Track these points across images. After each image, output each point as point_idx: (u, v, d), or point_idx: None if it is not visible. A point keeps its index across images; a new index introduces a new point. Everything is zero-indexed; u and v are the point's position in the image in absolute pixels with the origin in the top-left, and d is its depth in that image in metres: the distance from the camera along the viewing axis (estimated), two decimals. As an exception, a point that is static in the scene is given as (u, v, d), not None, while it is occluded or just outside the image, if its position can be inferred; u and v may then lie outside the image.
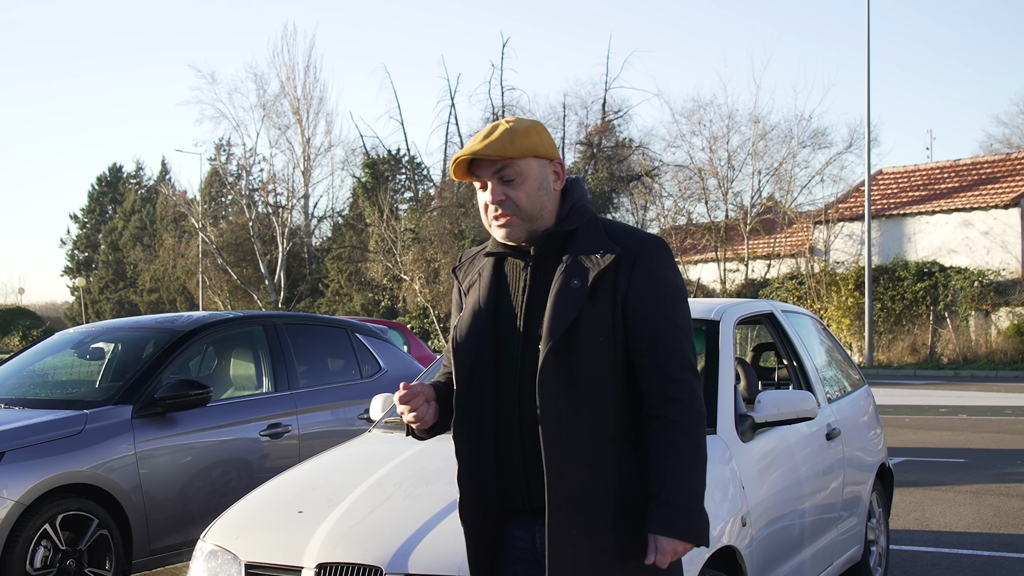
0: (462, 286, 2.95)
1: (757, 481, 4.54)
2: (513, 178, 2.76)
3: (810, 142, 34.65)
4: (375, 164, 44.41)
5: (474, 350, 2.79)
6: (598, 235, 2.79)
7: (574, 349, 2.68)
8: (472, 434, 2.79)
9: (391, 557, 3.65)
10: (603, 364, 2.70)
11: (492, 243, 2.90)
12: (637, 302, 2.71)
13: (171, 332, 6.95)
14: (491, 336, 2.79)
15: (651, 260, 2.74)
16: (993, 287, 27.65)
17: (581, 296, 2.69)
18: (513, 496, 2.80)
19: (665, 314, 2.73)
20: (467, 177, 2.84)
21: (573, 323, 2.67)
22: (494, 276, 2.86)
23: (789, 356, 5.73)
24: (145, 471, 6.24)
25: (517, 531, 2.84)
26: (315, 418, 7.23)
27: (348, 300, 43.64)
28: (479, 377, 2.78)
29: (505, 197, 2.76)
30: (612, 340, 2.71)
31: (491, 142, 2.74)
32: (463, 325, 2.84)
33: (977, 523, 8.07)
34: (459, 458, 2.83)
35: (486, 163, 2.78)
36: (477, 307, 2.83)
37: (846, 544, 5.69)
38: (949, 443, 12.69)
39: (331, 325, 8.09)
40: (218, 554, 4.02)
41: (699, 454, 2.72)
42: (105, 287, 63.91)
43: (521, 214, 2.77)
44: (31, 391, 6.99)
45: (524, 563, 2.83)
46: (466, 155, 2.77)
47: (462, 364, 2.81)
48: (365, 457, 4.65)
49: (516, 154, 2.75)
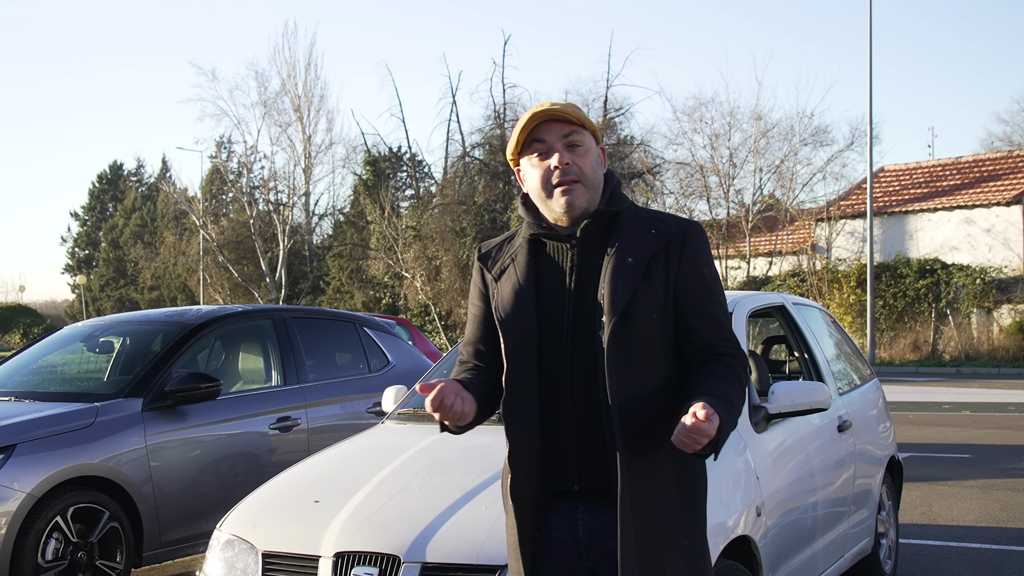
0: (490, 272, 2.91)
1: (771, 472, 4.54)
2: (580, 144, 2.81)
3: (812, 140, 34.62)
4: (376, 161, 44.38)
5: (522, 329, 2.78)
6: (643, 217, 2.85)
7: (630, 326, 2.70)
8: (524, 415, 2.77)
9: (409, 546, 3.65)
10: (656, 342, 2.74)
11: (529, 227, 2.88)
12: (688, 282, 2.78)
13: (180, 326, 6.96)
14: (536, 317, 2.78)
15: (698, 242, 2.82)
16: (995, 284, 27.66)
17: (637, 273, 2.73)
18: (561, 478, 2.77)
19: (712, 293, 2.82)
20: (519, 154, 2.85)
21: (630, 300, 2.70)
22: (531, 258, 2.85)
23: (800, 348, 5.73)
24: (156, 464, 6.25)
25: (558, 522, 2.80)
26: (324, 412, 7.24)
27: (349, 298, 43.63)
28: (525, 358, 2.77)
29: (572, 162, 2.79)
30: (663, 318, 2.75)
31: (565, 106, 2.80)
32: (505, 306, 2.81)
33: (984, 517, 8.07)
34: (512, 439, 2.79)
35: (554, 128, 2.80)
36: (518, 287, 2.81)
37: (857, 537, 5.70)
38: (953, 439, 12.71)
39: (339, 319, 8.10)
40: (235, 543, 4.02)
41: (740, 399, 2.73)
42: (106, 285, 63.95)
43: (585, 182, 2.79)
44: (41, 384, 7.00)
45: (561, 556, 2.79)
46: (542, 111, 2.78)
47: (510, 344, 2.79)
48: (380, 448, 4.66)
49: (585, 122, 2.83)
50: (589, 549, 2.77)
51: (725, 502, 4.09)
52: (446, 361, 5.60)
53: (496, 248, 2.97)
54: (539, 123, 2.80)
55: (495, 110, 40.24)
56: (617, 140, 38.04)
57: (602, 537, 2.75)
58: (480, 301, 2.95)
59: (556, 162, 2.79)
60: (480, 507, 3.81)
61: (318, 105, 47.63)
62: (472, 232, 36.18)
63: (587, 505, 2.77)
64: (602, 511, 2.75)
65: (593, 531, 2.77)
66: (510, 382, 2.79)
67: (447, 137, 43.40)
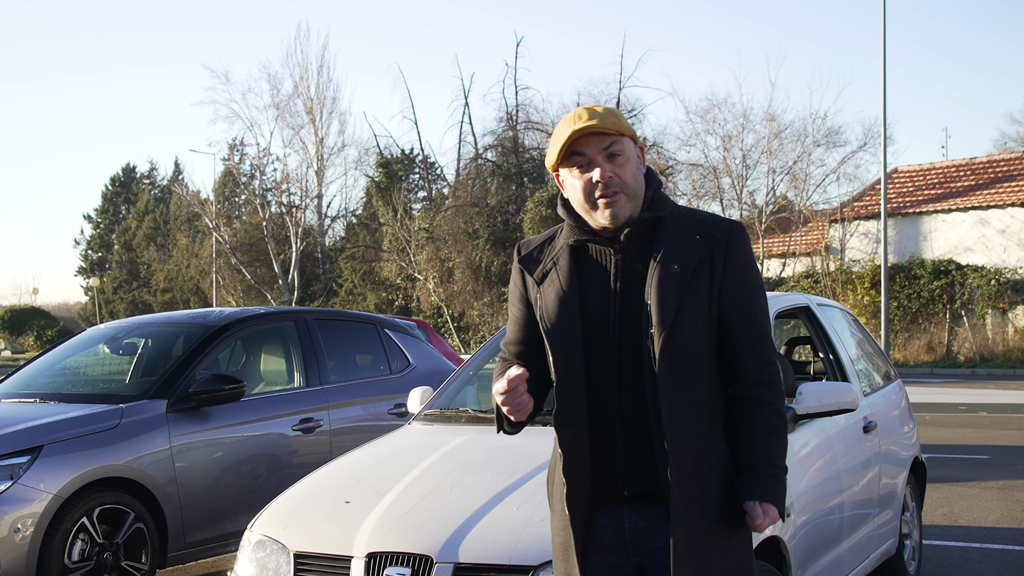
0: (532, 276, 2.90)
1: (799, 472, 4.54)
2: (620, 154, 2.79)
3: (825, 141, 34.53)
4: (389, 163, 44.41)
5: (569, 339, 2.77)
6: (687, 221, 2.83)
7: (678, 334, 2.70)
8: (576, 425, 2.77)
9: (441, 546, 3.67)
10: (701, 348, 2.75)
11: (571, 231, 2.87)
12: (733, 287, 2.79)
13: (203, 327, 6.99)
14: (580, 324, 2.78)
15: (742, 245, 2.82)
16: (1010, 285, 27.57)
17: (683, 281, 2.73)
18: (609, 484, 2.79)
19: (756, 298, 2.83)
20: (559, 166, 2.83)
21: (677, 310, 2.70)
22: (575, 264, 2.84)
23: (825, 349, 5.73)
24: (180, 465, 6.27)
25: (604, 519, 2.82)
26: (346, 413, 7.26)
27: (362, 299, 43.68)
28: (573, 365, 2.77)
29: (614, 174, 2.77)
30: (708, 324, 2.76)
31: (602, 116, 2.76)
32: (551, 315, 2.80)
33: (1006, 518, 8.05)
34: (566, 450, 2.79)
35: (594, 141, 2.77)
36: (563, 295, 2.80)
37: (882, 538, 5.70)
38: (971, 440, 12.67)
39: (361, 321, 8.12)
40: (266, 544, 4.04)
41: (785, 433, 2.85)
42: (119, 287, 64.11)
43: (627, 191, 2.78)
44: (66, 386, 7.03)
45: (606, 550, 2.82)
46: (583, 128, 2.74)
47: (559, 354, 2.78)
48: (409, 448, 4.67)
49: (623, 130, 2.79)
50: (635, 546, 2.80)
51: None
52: (471, 363, 5.61)
53: (537, 249, 2.95)
54: (578, 137, 2.78)
55: (508, 112, 40.25)
56: (630, 141, 37.96)
57: (647, 534, 2.77)
58: (520, 303, 2.95)
59: (598, 176, 2.77)
60: (512, 508, 3.82)
61: (330, 107, 47.77)
62: (484, 234, 36.19)
63: (632, 504, 2.79)
64: (647, 509, 2.77)
65: (639, 528, 2.79)
66: (561, 392, 2.79)
67: (459, 139, 43.44)
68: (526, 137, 39.90)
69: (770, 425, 2.78)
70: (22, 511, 5.56)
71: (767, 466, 2.76)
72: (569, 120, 2.79)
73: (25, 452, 5.70)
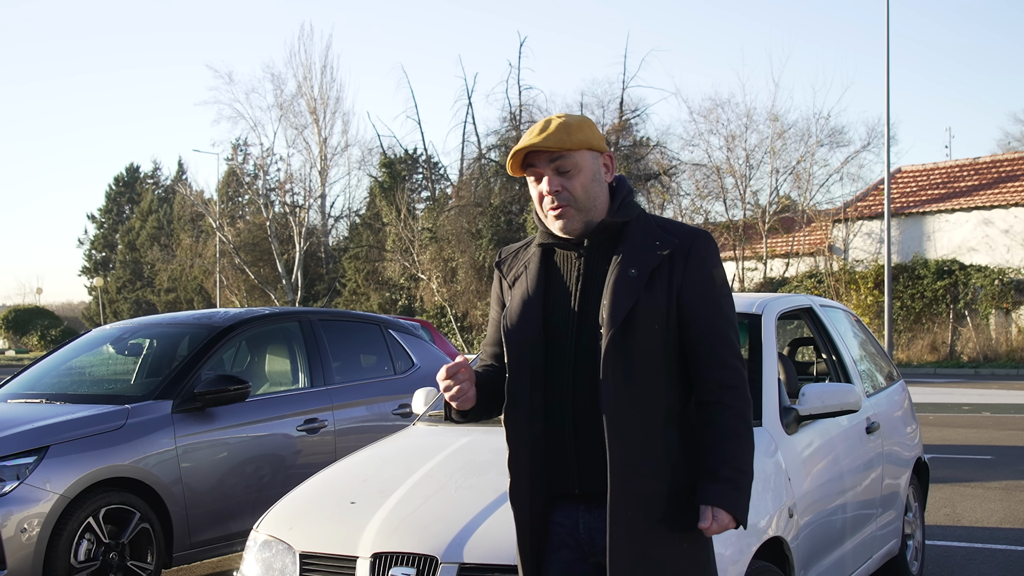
0: (506, 279, 3.02)
1: (802, 473, 4.56)
2: (569, 169, 2.85)
3: (828, 140, 34.56)
4: (392, 163, 44.43)
5: (525, 338, 2.87)
6: (650, 228, 2.89)
7: (631, 336, 2.76)
8: (524, 420, 2.86)
9: (446, 546, 3.69)
10: (657, 352, 2.80)
11: (541, 235, 2.97)
12: (692, 292, 2.82)
13: (208, 328, 7.01)
14: (542, 324, 2.87)
15: (703, 253, 2.86)
16: (1014, 285, 27.57)
17: (639, 285, 2.78)
18: (562, 482, 2.86)
19: (717, 304, 2.85)
20: (520, 172, 2.93)
21: (631, 311, 2.76)
22: (542, 267, 2.94)
23: (828, 350, 5.75)
24: (186, 465, 6.30)
25: (560, 517, 2.89)
26: (350, 413, 7.28)
27: (365, 299, 43.72)
28: (530, 364, 2.86)
29: (561, 188, 2.85)
30: (666, 328, 2.81)
31: (549, 135, 2.83)
32: (513, 315, 2.91)
33: (1009, 519, 8.07)
34: (511, 444, 2.89)
35: (543, 155, 2.86)
36: (526, 296, 2.91)
37: (884, 538, 5.71)
38: (974, 440, 12.69)
39: (365, 321, 8.14)
40: (272, 544, 4.06)
41: (750, 438, 2.85)
42: (122, 287, 64.18)
43: (576, 204, 2.85)
44: (71, 387, 7.06)
45: (566, 548, 2.89)
46: (525, 147, 2.85)
47: (513, 352, 2.88)
48: (413, 449, 4.70)
49: (572, 146, 2.84)
50: (591, 546, 2.86)
51: (757, 504, 4.08)
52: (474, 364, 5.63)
53: (512, 255, 3.08)
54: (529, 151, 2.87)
55: (511, 112, 40.28)
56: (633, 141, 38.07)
57: (602, 535, 2.82)
58: (497, 305, 3.07)
59: (545, 189, 2.87)
60: (516, 508, 3.84)
61: (334, 107, 47.77)
62: (488, 234, 36.22)
63: (587, 504, 2.86)
64: (601, 510, 2.82)
65: (593, 528, 2.85)
66: (510, 389, 2.89)
67: (463, 139, 43.49)
68: (529, 137, 39.88)
69: (731, 428, 2.79)
70: (28, 511, 5.59)
71: (728, 471, 2.77)
72: (526, 134, 2.89)
73: (31, 452, 5.73)
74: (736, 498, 2.76)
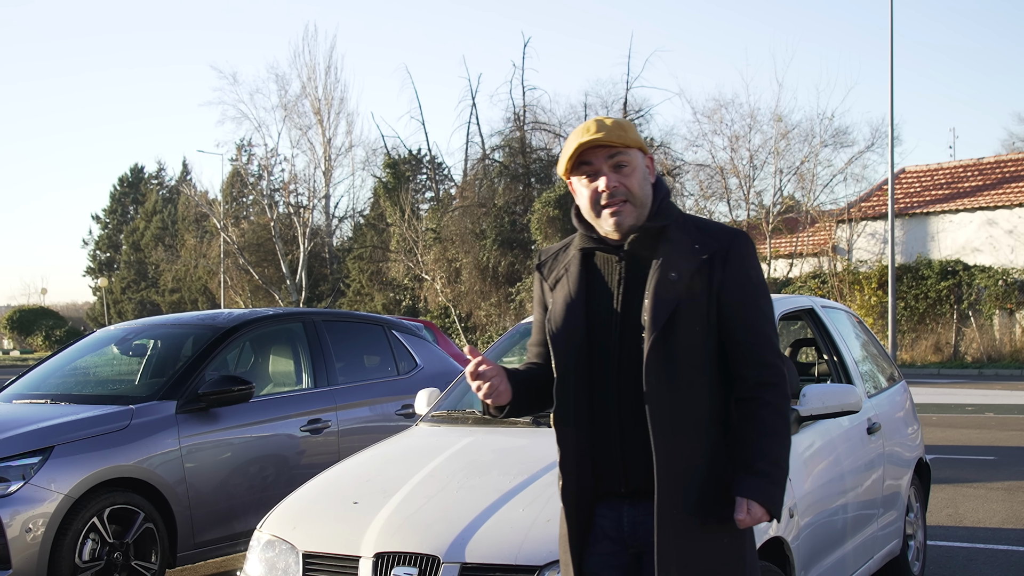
0: (547, 281, 3.06)
1: (803, 473, 4.58)
2: (625, 164, 2.90)
3: (832, 141, 34.51)
4: (396, 164, 44.45)
5: (570, 342, 2.91)
6: (689, 230, 2.93)
7: (673, 339, 2.81)
8: (573, 422, 2.91)
9: (448, 546, 3.71)
10: (698, 352, 2.84)
11: (581, 238, 3.01)
12: (732, 293, 2.87)
13: (212, 329, 7.04)
14: (585, 327, 2.91)
15: (742, 253, 2.91)
16: (1017, 286, 27.54)
17: (680, 288, 2.83)
18: (608, 480, 2.91)
19: (757, 304, 2.90)
20: (570, 174, 2.95)
21: (672, 314, 2.80)
22: (583, 270, 2.98)
23: (830, 351, 5.76)
24: (190, 465, 6.33)
25: (605, 510, 2.95)
26: (354, 414, 7.30)
27: (369, 300, 43.75)
28: (576, 366, 2.91)
29: (619, 184, 2.89)
30: (707, 329, 2.85)
31: (609, 129, 2.88)
32: (557, 319, 2.95)
33: (1011, 519, 8.08)
34: (560, 446, 2.94)
35: (600, 152, 2.89)
36: (569, 299, 2.95)
37: (886, 539, 5.73)
38: (977, 441, 12.69)
39: (368, 322, 8.17)
40: (275, 544, 4.09)
41: (788, 435, 2.90)
42: (127, 287, 64.25)
43: (634, 200, 2.90)
44: (76, 387, 7.09)
45: (608, 540, 2.95)
46: (587, 142, 2.86)
47: (559, 356, 2.93)
48: (416, 449, 4.72)
49: (630, 143, 2.90)
50: (634, 539, 2.92)
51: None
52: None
53: (552, 257, 3.11)
54: (586, 148, 2.89)
55: (515, 112, 40.26)
56: (637, 142, 37.92)
57: (646, 529, 2.88)
58: (539, 307, 3.12)
59: (603, 185, 2.89)
60: (518, 508, 3.87)
61: (338, 108, 47.78)
62: (492, 234, 36.20)
63: (631, 499, 2.91)
64: (645, 505, 2.87)
65: (637, 523, 2.91)
66: (559, 392, 2.93)
67: (467, 139, 43.48)
68: (533, 137, 39.96)
69: (769, 425, 2.84)
70: (33, 511, 5.62)
71: (763, 464, 2.82)
72: (579, 132, 2.91)
73: (36, 453, 5.76)
74: (771, 491, 2.82)
